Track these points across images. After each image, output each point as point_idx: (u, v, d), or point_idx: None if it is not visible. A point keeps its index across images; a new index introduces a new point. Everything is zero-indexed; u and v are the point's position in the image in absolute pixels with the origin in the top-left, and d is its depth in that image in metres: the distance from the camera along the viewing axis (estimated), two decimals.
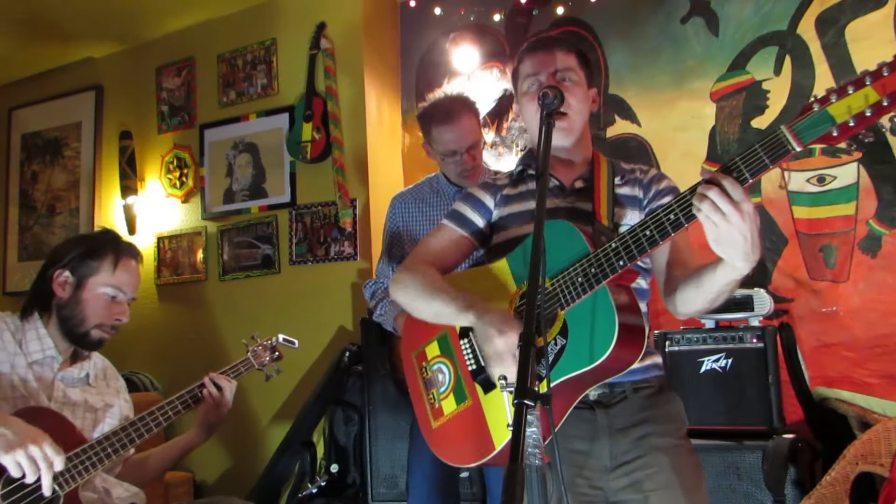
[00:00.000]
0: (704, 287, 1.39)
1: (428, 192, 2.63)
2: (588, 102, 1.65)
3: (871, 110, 1.14)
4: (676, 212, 1.30)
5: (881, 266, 2.85)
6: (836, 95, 1.17)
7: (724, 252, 1.27)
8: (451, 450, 1.57)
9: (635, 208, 1.60)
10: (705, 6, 3.27)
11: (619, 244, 1.34)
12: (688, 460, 1.51)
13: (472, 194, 1.74)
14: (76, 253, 1.95)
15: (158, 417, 1.93)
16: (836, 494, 2.18)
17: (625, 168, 1.68)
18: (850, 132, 1.16)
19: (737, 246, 1.24)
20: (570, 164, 1.66)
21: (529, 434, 1.01)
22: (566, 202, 1.61)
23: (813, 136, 1.18)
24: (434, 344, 1.63)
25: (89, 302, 1.93)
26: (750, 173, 1.22)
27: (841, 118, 1.16)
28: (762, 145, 1.21)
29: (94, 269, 1.94)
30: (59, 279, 1.93)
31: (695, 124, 3.26)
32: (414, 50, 3.97)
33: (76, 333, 1.94)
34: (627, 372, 1.42)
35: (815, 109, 1.18)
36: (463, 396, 1.54)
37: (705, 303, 1.42)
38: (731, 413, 2.56)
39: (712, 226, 1.23)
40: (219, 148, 4.06)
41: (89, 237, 2.07)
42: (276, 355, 2.23)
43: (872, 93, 1.14)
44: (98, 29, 4.19)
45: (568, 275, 1.39)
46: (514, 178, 1.72)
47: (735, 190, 1.21)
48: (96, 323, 1.94)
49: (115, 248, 1.98)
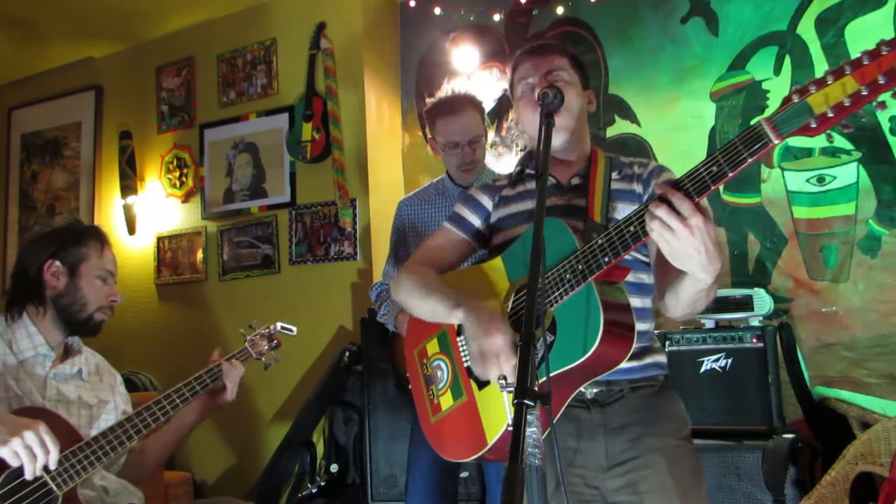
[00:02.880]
0: (680, 294, 1.39)
1: (434, 194, 2.66)
2: (583, 102, 1.66)
3: (850, 100, 1.11)
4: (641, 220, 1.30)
5: (881, 266, 2.85)
6: (815, 86, 1.14)
7: (682, 265, 1.27)
8: (447, 445, 1.59)
9: (634, 203, 1.60)
10: (705, 6, 3.27)
11: (605, 240, 1.34)
12: (686, 462, 1.50)
13: (471, 196, 1.76)
14: (58, 244, 1.98)
15: (157, 413, 1.92)
16: (835, 494, 2.18)
17: (623, 162, 1.68)
18: (829, 123, 1.13)
19: (692, 259, 1.23)
20: (567, 162, 1.67)
21: (529, 434, 1.01)
22: (562, 199, 1.62)
23: (791, 128, 1.15)
24: (434, 341, 1.65)
25: (86, 287, 1.97)
26: (730, 167, 1.20)
27: (819, 109, 1.13)
28: (741, 138, 1.19)
29: (82, 255, 1.98)
30: (50, 270, 1.95)
31: (694, 124, 3.26)
32: (414, 50, 3.97)
33: (79, 319, 1.97)
34: (625, 370, 1.42)
35: (795, 101, 1.15)
36: (459, 392, 1.55)
37: (686, 308, 1.42)
38: (730, 413, 2.56)
39: (665, 243, 1.23)
40: (219, 148, 4.06)
41: (63, 228, 2.11)
42: (274, 343, 2.21)
43: (851, 82, 1.11)
44: (98, 29, 4.19)
45: (557, 271, 1.40)
46: (512, 179, 1.73)
47: (683, 205, 1.20)
48: (97, 306, 1.98)
49: (96, 234, 2.05)
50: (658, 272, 1.52)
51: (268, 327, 2.22)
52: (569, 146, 1.65)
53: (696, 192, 1.22)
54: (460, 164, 2.52)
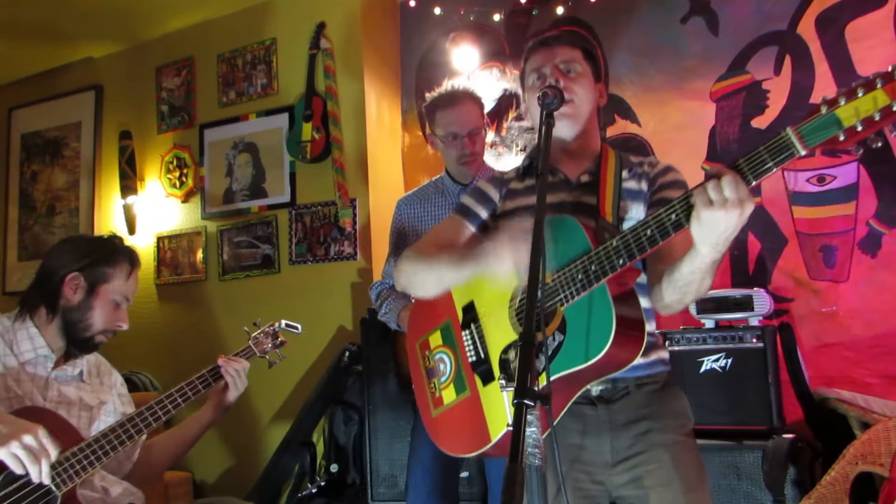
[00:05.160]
0: (673, 276, 1.39)
1: (433, 192, 2.65)
2: (595, 94, 1.66)
3: (881, 114, 1.08)
4: (678, 212, 1.28)
5: (881, 266, 2.85)
6: (844, 98, 1.10)
7: (697, 231, 1.25)
8: (448, 439, 1.58)
9: (640, 202, 1.60)
10: (705, 6, 3.27)
11: (620, 242, 1.33)
12: (690, 457, 1.51)
13: (478, 188, 1.76)
14: (91, 258, 1.94)
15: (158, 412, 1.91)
16: (835, 494, 2.18)
17: (633, 161, 1.67)
18: (858, 137, 1.10)
19: (713, 231, 1.22)
20: (577, 157, 1.66)
21: (529, 434, 1.01)
22: (572, 196, 1.61)
23: (819, 140, 1.12)
24: (437, 334, 1.64)
25: (99, 308, 1.93)
26: (753, 176, 1.19)
27: (849, 122, 1.09)
28: (767, 148, 1.17)
29: (108, 276, 1.94)
30: (71, 283, 1.92)
31: (695, 124, 3.26)
32: (414, 50, 3.97)
33: (80, 338, 1.94)
34: (632, 367, 1.41)
35: (823, 112, 1.12)
36: (463, 387, 1.55)
37: (676, 292, 1.41)
38: (730, 413, 2.56)
39: (705, 202, 1.21)
40: (219, 148, 4.06)
41: (100, 242, 2.04)
42: (278, 341, 2.20)
43: (883, 96, 1.07)
44: (98, 29, 4.19)
45: (569, 271, 1.39)
46: (520, 173, 1.73)
47: (740, 186, 1.19)
48: (101, 329, 1.95)
49: (131, 258, 2.00)
50: (654, 264, 1.51)
51: (272, 325, 2.22)
52: (578, 139, 1.64)
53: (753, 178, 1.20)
54: (459, 156, 2.51)
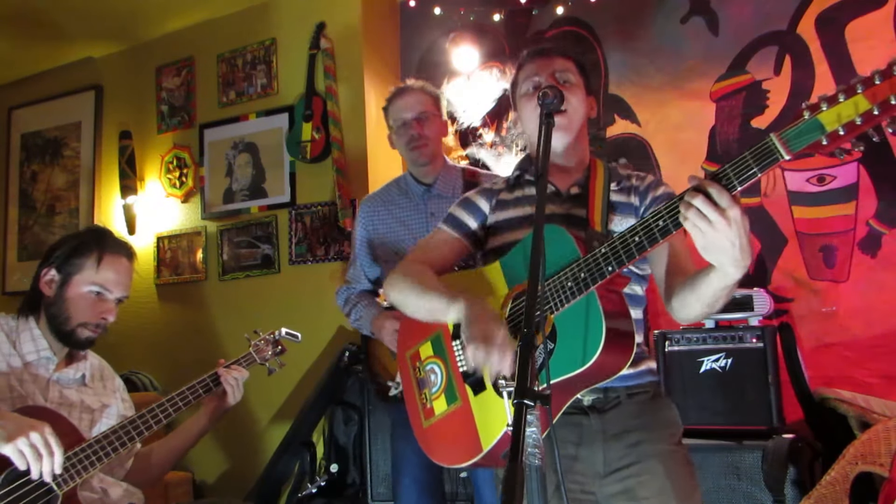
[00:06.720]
0: (700, 291, 1.38)
1: (396, 193, 2.58)
2: (586, 106, 1.67)
3: (862, 119, 1.10)
4: (665, 218, 1.28)
5: (881, 266, 2.85)
6: (826, 103, 1.12)
7: (713, 259, 1.26)
8: (440, 450, 1.58)
9: (630, 215, 1.60)
10: (705, 6, 3.27)
11: (609, 249, 1.33)
12: (682, 467, 1.51)
13: (467, 198, 1.76)
14: (62, 251, 1.93)
15: (159, 415, 1.92)
16: (835, 494, 2.18)
17: (621, 174, 1.68)
18: (840, 141, 1.13)
19: (725, 252, 1.23)
20: (566, 169, 1.67)
21: (529, 434, 1.01)
22: (562, 208, 1.62)
23: (802, 145, 1.14)
24: (428, 344, 1.64)
25: (73, 300, 1.90)
26: (739, 181, 1.20)
27: (831, 127, 1.12)
28: (751, 153, 1.19)
29: (78, 266, 1.92)
30: (45, 277, 1.92)
31: (695, 124, 3.26)
32: (414, 50, 3.97)
33: (63, 332, 1.92)
34: (621, 377, 1.42)
35: (806, 117, 1.14)
36: (454, 397, 1.54)
37: (704, 307, 1.41)
38: (730, 413, 2.56)
39: (699, 233, 1.22)
40: (218, 148, 4.06)
41: (77, 235, 2.02)
42: (278, 349, 2.21)
43: (863, 101, 1.10)
44: (98, 29, 4.19)
45: (558, 279, 1.39)
46: (510, 184, 1.73)
47: (722, 197, 1.19)
48: (80, 321, 1.91)
49: (100, 245, 1.95)
50: (668, 278, 1.52)
51: (273, 333, 2.23)
52: (568, 151, 1.65)
53: (738, 183, 1.21)
54: (408, 141, 2.45)
